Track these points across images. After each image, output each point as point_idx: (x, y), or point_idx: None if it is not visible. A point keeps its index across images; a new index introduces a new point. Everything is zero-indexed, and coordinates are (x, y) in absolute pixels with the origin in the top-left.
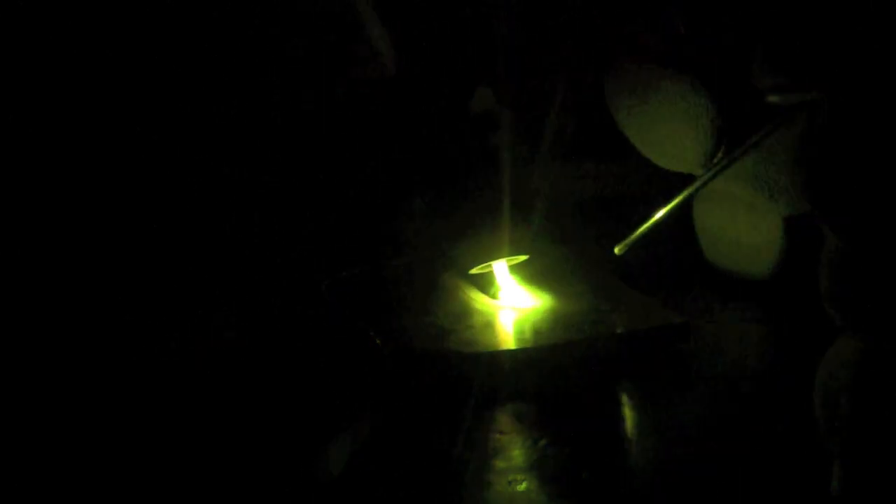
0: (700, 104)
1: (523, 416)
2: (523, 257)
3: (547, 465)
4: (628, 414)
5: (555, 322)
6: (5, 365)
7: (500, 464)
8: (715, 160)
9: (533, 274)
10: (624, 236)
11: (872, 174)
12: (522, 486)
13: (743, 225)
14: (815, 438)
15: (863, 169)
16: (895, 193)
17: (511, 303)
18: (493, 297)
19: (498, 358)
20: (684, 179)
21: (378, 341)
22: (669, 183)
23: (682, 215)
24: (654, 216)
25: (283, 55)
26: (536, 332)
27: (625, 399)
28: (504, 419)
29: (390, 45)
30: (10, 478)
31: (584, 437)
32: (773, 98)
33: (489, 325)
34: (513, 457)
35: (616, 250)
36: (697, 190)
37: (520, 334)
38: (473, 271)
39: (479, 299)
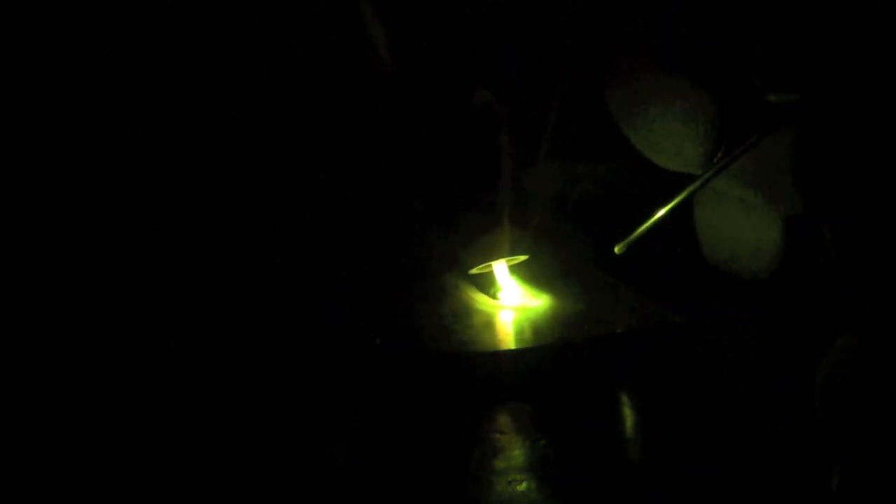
0: (700, 104)
1: (523, 416)
2: (523, 257)
3: (547, 465)
4: (628, 414)
5: (555, 322)
6: (5, 365)
7: (500, 464)
8: (715, 160)
9: (533, 274)
10: (624, 235)
11: (871, 174)
12: (522, 486)
13: (743, 225)
14: (815, 438)
15: (862, 169)
16: (893, 193)
17: (511, 303)
18: (493, 297)
19: (498, 358)
20: (684, 179)
21: (378, 341)
22: (669, 183)
23: (682, 215)
24: (654, 215)
25: (283, 55)
26: (536, 332)
27: (624, 399)
28: (504, 419)
29: (388, 42)
30: (11, 478)
31: (584, 437)
32: (773, 98)
33: (489, 325)
34: (513, 457)
35: (616, 249)
36: (697, 189)
37: (520, 334)
38: (473, 271)
39: (479, 299)
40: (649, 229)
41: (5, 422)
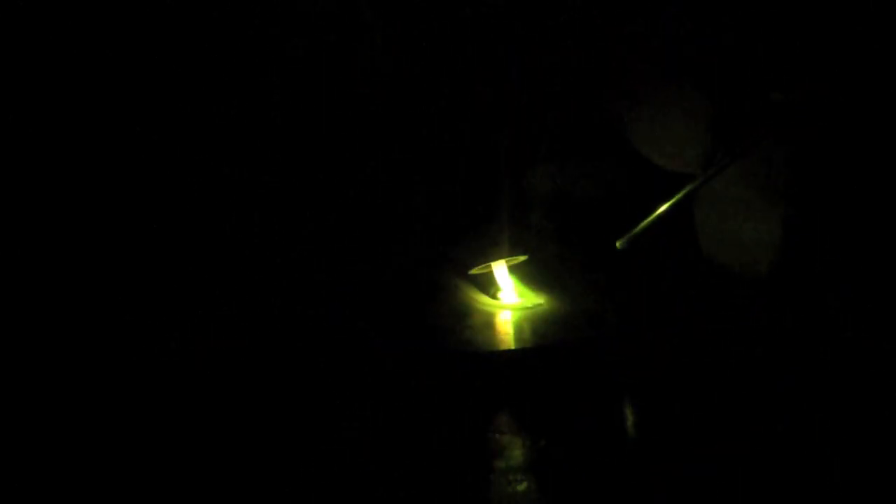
0: (700, 104)
1: (523, 416)
2: (523, 257)
3: (547, 465)
4: (628, 414)
5: (554, 322)
6: (5, 365)
7: (500, 464)
8: (715, 160)
9: (533, 274)
10: (625, 231)
11: (871, 174)
12: (522, 486)
13: (743, 225)
14: (814, 438)
15: (861, 169)
16: (893, 193)
17: (511, 303)
18: (493, 297)
19: (498, 358)
20: (684, 179)
21: (376, 341)
22: (670, 182)
23: (683, 215)
24: (655, 212)
25: (283, 55)
26: (536, 332)
27: (624, 399)
28: (503, 419)
29: (388, 42)
30: (11, 478)
31: (584, 437)
32: (774, 97)
33: (489, 325)
34: (513, 457)
35: (618, 244)
36: (698, 188)
37: (519, 334)
38: (473, 271)
39: (479, 299)
40: (650, 226)
41: (5, 422)
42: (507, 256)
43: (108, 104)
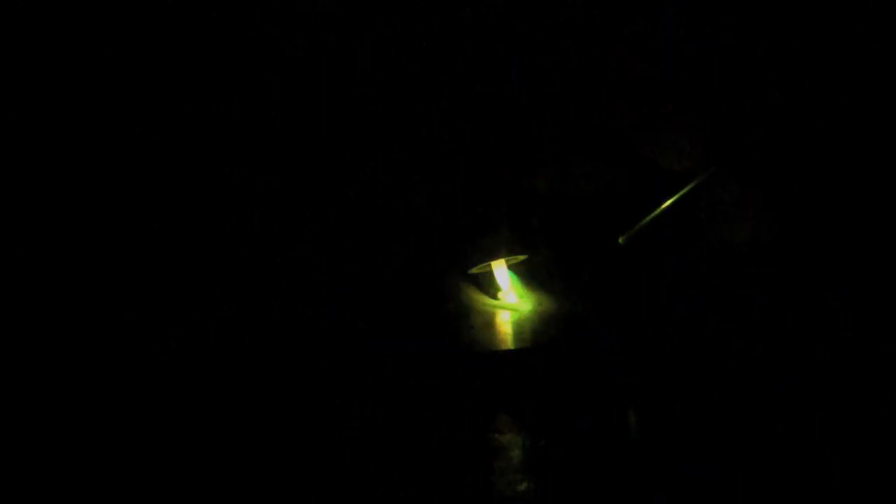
0: (700, 105)
1: (523, 415)
2: (523, 257)
3: (547, 465)
4: (628, 413)
5: (554, 322)
6: (5, 365)
7: (500, 464)
8: (714, 159)
9: (532, 274)
10: (627, 227)
11: (871, 174)
12: (522, 486)
13: (743, 224)
14: (814, 438)
15: (861, 169)
16: (893, 193)
17: (511, 303)
18: (493, 297)
19: (498, 358)
20: (685, 178)
21: (376, 341)
22: (670, 181)
23: (684, 213)
24: (656, 209)
25: (283, 55)
26: (536, 332)
27: (624, 399)
28: (503, 419)
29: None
30: (11, 477)
31: (584, 437)
32: (773, 98)
33: (489, 325)
34: (513, 457)
35: (620, 240)
36: (698, 187)
37: (520, 334)
38: (473, 271)
39: (479, 299)
40: (651, 226)
41: (6, 421)
42: (507, 256)
43: (109, 104)
